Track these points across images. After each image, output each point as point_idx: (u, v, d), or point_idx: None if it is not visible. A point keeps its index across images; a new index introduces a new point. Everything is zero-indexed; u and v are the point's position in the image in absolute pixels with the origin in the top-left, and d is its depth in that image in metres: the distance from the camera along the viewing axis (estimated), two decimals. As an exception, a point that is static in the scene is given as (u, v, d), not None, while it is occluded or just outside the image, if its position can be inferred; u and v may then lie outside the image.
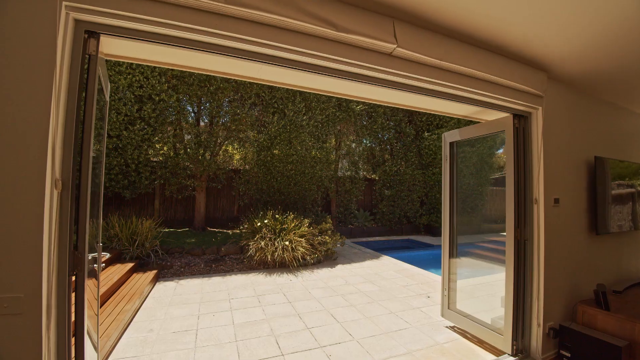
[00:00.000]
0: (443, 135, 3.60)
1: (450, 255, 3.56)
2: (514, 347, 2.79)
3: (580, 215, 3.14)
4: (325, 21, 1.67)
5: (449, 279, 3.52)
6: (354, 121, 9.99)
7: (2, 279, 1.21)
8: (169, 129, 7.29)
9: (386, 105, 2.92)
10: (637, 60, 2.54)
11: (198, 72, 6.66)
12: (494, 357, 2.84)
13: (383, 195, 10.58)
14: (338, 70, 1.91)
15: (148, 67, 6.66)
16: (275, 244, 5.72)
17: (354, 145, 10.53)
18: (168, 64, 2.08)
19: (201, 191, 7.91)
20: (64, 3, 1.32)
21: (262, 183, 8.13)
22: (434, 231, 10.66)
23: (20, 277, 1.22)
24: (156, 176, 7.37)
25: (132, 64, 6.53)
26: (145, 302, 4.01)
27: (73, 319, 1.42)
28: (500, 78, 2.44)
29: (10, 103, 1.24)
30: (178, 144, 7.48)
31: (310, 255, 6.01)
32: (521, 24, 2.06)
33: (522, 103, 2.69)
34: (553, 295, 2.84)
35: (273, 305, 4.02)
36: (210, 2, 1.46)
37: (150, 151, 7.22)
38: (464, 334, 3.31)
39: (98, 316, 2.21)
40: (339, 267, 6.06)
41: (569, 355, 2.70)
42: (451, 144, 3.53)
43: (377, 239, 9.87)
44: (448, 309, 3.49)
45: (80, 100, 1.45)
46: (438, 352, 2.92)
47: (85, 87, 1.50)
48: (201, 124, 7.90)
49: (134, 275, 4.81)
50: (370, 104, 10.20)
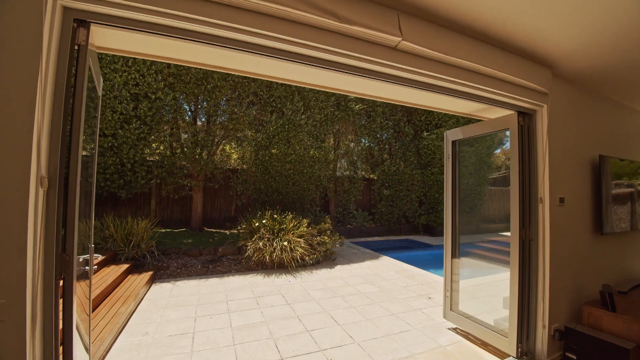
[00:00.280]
0: (445, 133, 3.53)
1: (453, 256, 3.50)
2: (519, 350, 2.73)
3: (584, 214, 3.09)
4: (328, 11, 1.59)
5: (451, 279, 3.46)
6: (352, 120, 9.92)
7: (-18, 283, 1.12)
8: (165, 127, 7.18)
9: (388, 102, 2.85)
10: (643, 57, 2.49)
11: (195, 67, 6.58)
12: (498, 360, 2.78)
13: (382, 195, 10.52)
14: (340, 63, 1.84)
15: (144, 65, 6.55)
16: (274, 244, 5.64)
17: (352, 144, 10.46)
18: (163, 58, 1.99)
19: (198, 191, 7.80)
20: (51, -12, 1.23)
21: (260, 183, 8.04)
22: (433, 231, 10.62)
23: (1, 282, 1.14)
24: (152, 176, 7.26)
25: (128, 62, 6.42)
26: (140, 304, 3.91)
27: (61, 325, 1.34)
28: (506, 74, 2.38)
29: (-9, 95, 1.15)
30: (175, 143, 7.37)
31: (309, 255, 5.94)
32: (528, 18, 2.00)
33: (528, 100, 2.64)
34: (558, 297, 2.78)
35: (272, 307, 3.94)
36: (207, -10, 1.39)
37: (147, 150, 7.11)
38: (466, 335, 3.25)
39: (90, 320, 2.13)
40: (338, 268, 5.99)
41: (575, 357, 2.65)
42: (453, 143, 3.47)
43: (376, 239, 9.81)
44: (450, 310, 3.42)
45: (69, 93, 1.37)
46: (441, 355, 2.86)
47: (74, 80, 1.41)
48: (198, 122, 7.80)
49: (130, 276, 4.71)
50: (369, 104, 10.14)
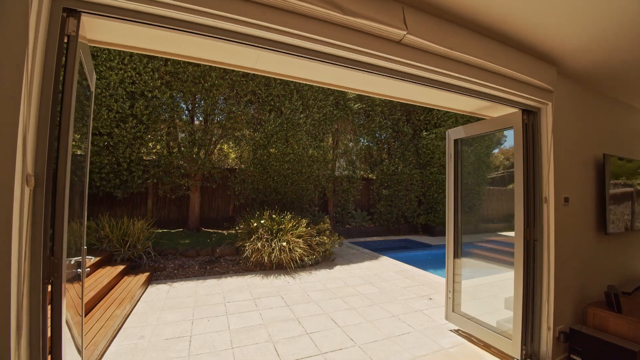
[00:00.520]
0: (447, 132, 3.48)
1: (455, 256, 3.44)
2: (523, 352, 2.67)
3: (588, 214, 3.04)
4: (331, 3, 1.53)
5: (453, 280, 3.40)
6: (351, 120, 9.86)
7: (-38, 290, 1.05)
8: (162, 126, 7.07)
9: (390, 100, 2.78)
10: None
11: (192, 63, 6.49)
12: (502, 363, 2.73)
13: (380, 195, 10.47)
14: (343, 58, 1.77)
15: (140, 63, 6.45)
16: (272, 244, 5.56)
17: (351, 144, 10.40)
18: (159, 52, 1.92)
19: (195, 191, 7.71)
20: (37, -26, 1.16)
21: (258, 182, 7.96)
22: (432, 231, 10.59)
23: (-17, 288, 1.06)
24: (149, 175, 7.16)
25: (124, 59, 6.32)
26: (136, 307, 3.82)
27: (50, 333, 1.27)
28: (511, 70, 2.32)
29: (-29, 87, 1.08)
30: (172, 142, 7.28)
31: (308, 256, 5.87)
32: (534, 13, 1.95)
33: (532, 98, 2.58)
34: (562, 298, 2.73)
35: (270, 309, 3.86)
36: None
37: (143, 149, 7.01)
38: (469, 337, 3.20)
39: (82, 325, 2.05)
40: (338, 269, 5.92)
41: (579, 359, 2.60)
42: (455, 141, 3.42)
43: (375, 239, 9.76)
44: (452, 311, 3.37)
45: (57, 86, 1.29)
46: (444, 358, 2.80)
47: (63, 73, 1.34)
48: (195, 122, 7.70)
49: (125, 278, 4.62)
50: (368, 103, 10.08)
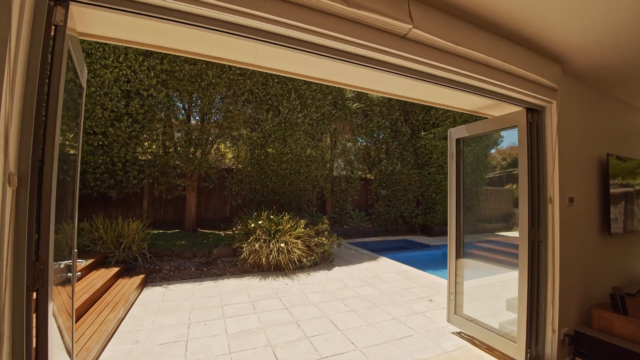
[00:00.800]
0: (449, 131, 3.42)
1: (457, 256, 3.39)
2: (528, 355, 2.62)
3: (592, 214, 3.00)
4: (335, -6, 1.46)
5: (455, 281, 3.34)
6: (350, 119, 9.80)
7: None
8: (157, 126, 6.96)
9: (393, 97, 2.72)
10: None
11: (188, 58, 6.38)
12: (506, 367, 2.67)
13: (379, 195, 10.42)
14: (346, 52, 1.70)
15: (136, 61, 6.33)
16: (270, 246, 5.48)
17: (349, 144, 10.34)
18: (152, 46, 1.83)
19: (192, 191, 7.60)
20: (20, -42, 1.07)
21: (256, 182, 7.86)
22: (430, 231, 10.56)
23: (-40, 297, 0.98)
24: (144, 175, 7.04)
25: (119, 57, 6.20)
26: (131, 310, 3.73)
27: (35, 343, 1.18)
28: (517, 67, 2.27)
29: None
30: (167, 142, 7.16)
31: (306, 257, 5.79)
32: (540, 9, 1.90)
33: (537, 96, 2.53)
34: (567, 299, 2.68)
35: (269, 311, 3.78)
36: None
37: (138, 149, 6.88)
38: (471, 340, 3.14)
39: (73, 331, 1.96)
40: (336, 270, 5.85)
41: (585, 363, 2.56)
42: (457, 141, 3.36)
43: (373, 239, 9.70)
44: (455, 314, 3.31)
45: (43, 79, 1.21)
46: (447, 362, 2.74)
47: (50, 65, 1.26)
48: (192, 121, 7.59)
49: (120, 280, 4.51)
50: (366, 103, 10.03)
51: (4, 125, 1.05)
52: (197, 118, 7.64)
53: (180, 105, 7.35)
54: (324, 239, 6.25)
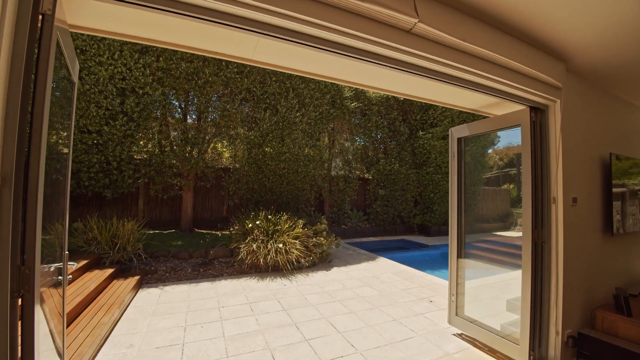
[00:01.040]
0: (450, 130, 3.38)
1: (458, 256, 3.34)
2: (531, 357, 2.57)
3: (594, 214, 2.97)
4: (338, -15, 1.39)
5: (457, 282, 3.30)
6: (348, 119, 9.74)
7: None
8: (153, 124, 6.85)
9: (395, 95, 2.68)
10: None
11: (183, 51, 6.28)
12: (509, 369, 2.63)
13: (377, 195, 10.38)
14: (349, 46, 1.64)
15: (131, 58, 6.22)
16: (268, 246, 5.41)
17: (347, 143, 10.28)
18: (146, 40, 1.76)
19: (188, 191, 7.50)
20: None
21: (253, 182, 7.78)
22: (428, 231, 10.54)
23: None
24: (140, 175, 6.93)
25: (114, 54, 6.09)
26: (125, 313, 3.64)
27: (20, 353, 1.11)
28: (521, 65, 2.22)
29: None
30: (163, 141, 7.06)
31: (304, 257, 5.73)
32: (545, 5, 1.85)
33: (541, 94, 2.49)
34: (570, 301, 2.65)
35: (267, 313, 3.71)
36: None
37: (134, 148, 6.77)
38: (473, 342, 3.10)
39: (64, 338, 1.88)
40: (335, 270, 5.79)
41: (589, 365, 2.52)
42: (459, 140, 3.32)
43: (371, 239, 9.66)
44: (456, 315, 3.27)
45: (30, 73, 1.13)
46: (449, 365, 2.70)
47: (36, 57, 1.18)
48: (188, 120, 7.49)
49: (114, 282, 4.42)
50: (364, 102, 9.98)
51: (-14, 120, 0.98)
52: (194, 117, 7.54)
53: (176, 103, 7.24)
54: (322, 239, 6.19)
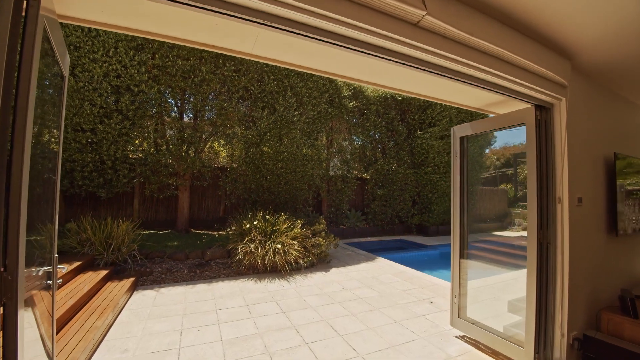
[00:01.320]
0: (452, 129, 3.32)
1: (461, 257, 3.29)
2: (536, 361, 2.53)
3: (599, 215, 2.93)
4: (344, -26, 1.32)
5: (459, 284, 3.24)
6: (346, 118, 9.68)
7: None
8: (149, 123, 6.74)
9: (398, 92, 2.61)
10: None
11: (180, 44, 6.16)
12: (514, 373, 2.58)
13: (375, 195, 10.33)
14: (354, 39, 1.57)
15: (126, 55, 6.10)
16: (266, 247, 5.33)
17: (345, 143, 10.21)
18: (142, 32, 1.68)
19: (184, 190, 7.40)
20: None
21: (251, 182, 7.69)
22: (426, 231, 10.52)
23: None
24: (135, 174, 6.81)
25: (109, 51, 5.97)
26: (120, 316, 3.54)
27: (2, 365, 1.03)
28: (528, 61, 2.17)
29: None
30: (159, 140, 6.94)
31: (303, 258, 5.65)
32: (551, 1, 1.80)
33: (547, 92, 2.43)
34: (575, 302, 2.60)
35: (265, 316, 3.64)
36: None
37: (129, 147, 6.66)
38: (475, 344, 3.04)
39: (54, 344, 1.79)
40: (334, 271, 5.73)
41: (594, 368, 2.48)
42: (461, 139, 3.26)
43: (369, 239, 9.60)
44: (458, 317, 3.21)
45: (13, 64, 1.05)
46: (453, 368, 2.64)
47: (20, 46, 1.10)
48: (185, 118, 7.38)
49: (109, 283, 4.31)
50: (363, 102, 9.91)
51: (-38, 113, 0.89)
52: (190, 115, 7.44)
53: (172, 101, 7.13)
54: (321, 239, 6.12)
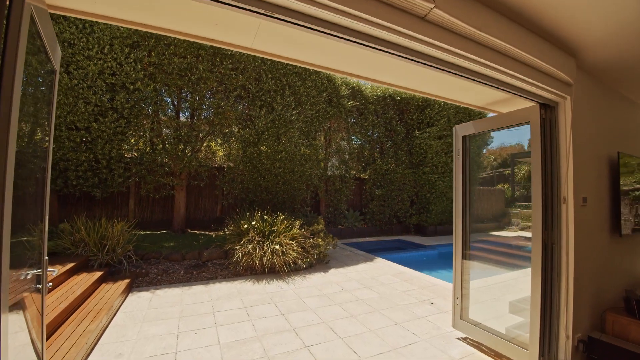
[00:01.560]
0: (455, 128, 3.27)
1: (463, 257, 3.24)
2: (541, 364, 2.49)
3: (602, 215, 2.90)
4: (350, -38, 1.26)
5: (461, 285, 3.20)
6: (344, 118, 9.62)
7: None
8: (145, 121, 6.62)
9: (401, 89, 2.56)
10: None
11: (177, 37, 6.05)
12: (519, 376, 2.53)
13: (373, 195, 10.28)
14: (359, 32, 1.50)
15: (122, 53, 5.99)
16: (264, 247, 5.25)
17: (344, 143, 10.15)
18: (137, 24, 1.60)
19: (181, 190, 7.29)
20: None
21: (248, 182, 7.60)
22: (424, 231, 10.49)
23: None
24: (131, 174, 6.70)
25: (104, 48, 5.85)
26: (114, 319, 3.45)
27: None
28: (535, 58, 2.12)
29: None
30: (155, 139, 6.83)
31: (301, 259, 5.58)
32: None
33: (552, 90, 2.39)
34: (580, 304, 2.56)
35: (264, 318, 3.56)
36: None
37: (124, 146, 6.54)
38: (478, 346, 3.00)
39: (44, 350, 1.71)
40: (333, 272, 5.66)
41: (600, 371, 2.44)
42: (464, 138, 3.21)
43: (368, 239, 9.56)
44: (461, 319, 3.17)
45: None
46: (456, 372, 2.59)
47: (4, 36, 1.02)
48: (181, 117, 7.28)
49: (103, 285, 4.22)
50: (361, 101, 9.86)
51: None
52: (187, 114, 7.32)
53: (168, 100, 7.02)
54: (319, 240, 6.06)
